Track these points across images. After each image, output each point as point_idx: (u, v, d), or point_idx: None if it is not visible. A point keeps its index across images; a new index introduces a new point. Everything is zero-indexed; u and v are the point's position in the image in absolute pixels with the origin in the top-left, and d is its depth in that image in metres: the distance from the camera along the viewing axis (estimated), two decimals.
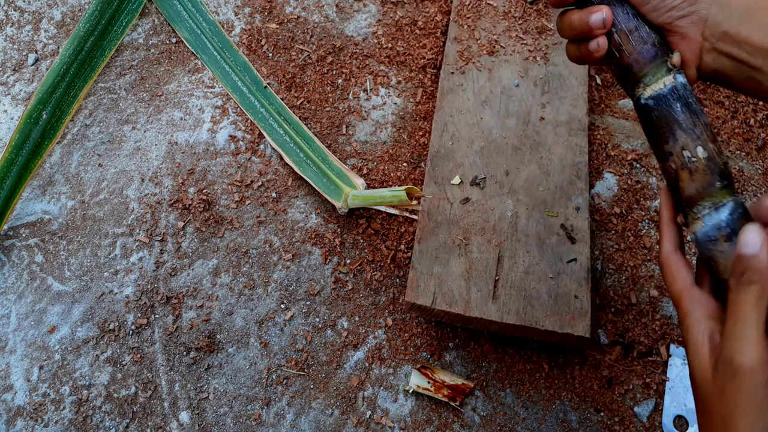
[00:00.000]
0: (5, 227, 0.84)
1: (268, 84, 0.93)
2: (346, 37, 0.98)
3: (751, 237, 0.37)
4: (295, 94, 0.93)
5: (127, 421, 0.73)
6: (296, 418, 0.74)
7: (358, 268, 0.82)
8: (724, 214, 0.42)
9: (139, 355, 0.77)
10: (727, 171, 0.43)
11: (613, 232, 0.83)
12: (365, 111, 0.92)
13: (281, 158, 0.88)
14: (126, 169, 0.88)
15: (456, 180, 0.79)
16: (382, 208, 0.84)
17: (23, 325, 0.78)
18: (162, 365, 0.76)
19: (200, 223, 0.84)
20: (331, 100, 0.93)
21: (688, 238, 0.65)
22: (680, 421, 0.73)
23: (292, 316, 0.79)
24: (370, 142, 0.90)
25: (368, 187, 0.86)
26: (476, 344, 0.77)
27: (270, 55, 0.97)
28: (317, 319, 0.79)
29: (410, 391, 0.75)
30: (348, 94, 0.94)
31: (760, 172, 0.89)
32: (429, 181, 0.80)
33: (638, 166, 0.88)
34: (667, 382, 0.75)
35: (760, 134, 0.91)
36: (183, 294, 0.80)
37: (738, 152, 0.90)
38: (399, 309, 0.80)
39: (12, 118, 0.91)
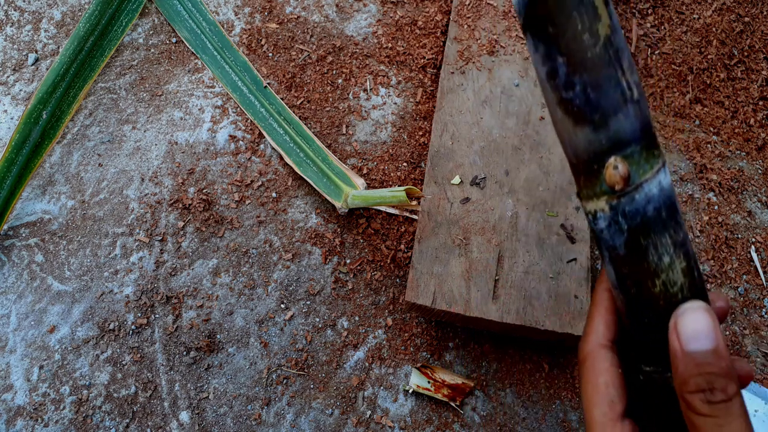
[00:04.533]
0: (5, 227, 0.84)
1: (268, 84, 0.93)
2: (346, 37, 0.98)
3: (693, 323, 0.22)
4: (295, 94, 0.93)
5: (127, 420, 0.73)
6: (296, 417, 0.74)
7: (358, 268, 0.82)
8: None
9: (139, 355, 0.77)
10: None
11: None
12: (365, 111, 0.92)
13: (281, 158, 0.88)
14: (126, 169, 0.88)
15: (456, 180, 0.79)
16: (382, 208, 0.84)
17: (23, 325, 0.78)
18: (162, 365, 0.76)
19: (200, 222, 0.84)
20: (331, 99, 0.93)
21: None
22: None
23: (292, 316, 0.79)
24: (370, 141, 0.90)
25: (368, 187, 0.86)
26: (476, 344, 0.77)
27: (270, 54, 0.96)
28: (317, 319, 0.79)
29: (410, 391, 0.75)
30: (348, 93, 0.94)
31: (760, 172, 0.89)
32: (429, 181, 0.80)
33: None
34: None
35: (760, 134, 0.91)
36: (183, 294, 0.80)
37: (738, 152, 0.90)
38: (399, 309, 0.80)
39: (12, 118, 0.91)
